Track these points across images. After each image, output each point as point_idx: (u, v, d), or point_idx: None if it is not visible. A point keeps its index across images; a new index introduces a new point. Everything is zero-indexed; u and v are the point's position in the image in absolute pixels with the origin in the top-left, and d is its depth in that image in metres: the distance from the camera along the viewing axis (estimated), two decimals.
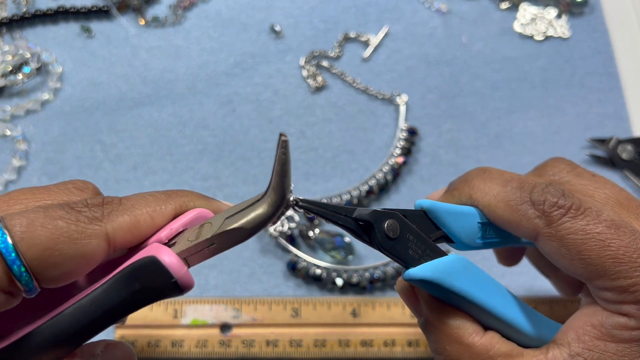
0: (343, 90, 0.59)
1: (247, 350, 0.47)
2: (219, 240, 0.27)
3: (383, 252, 0.29)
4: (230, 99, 0.58)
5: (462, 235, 0.32)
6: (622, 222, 0.28)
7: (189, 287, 0.27)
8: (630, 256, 0.27)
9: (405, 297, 0.33)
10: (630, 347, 0.27)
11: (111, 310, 0.27)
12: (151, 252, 0.27)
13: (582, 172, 0.33)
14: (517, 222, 0.30)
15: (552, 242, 0.29)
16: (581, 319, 0.29)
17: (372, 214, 0.28)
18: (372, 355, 0.47)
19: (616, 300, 0.28)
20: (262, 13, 0.62)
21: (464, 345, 0.30)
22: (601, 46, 0.62)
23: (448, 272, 0.29)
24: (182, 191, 0.31)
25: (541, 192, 0.30)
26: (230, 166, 0.55)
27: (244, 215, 0.27)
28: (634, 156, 0.55)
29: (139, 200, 0.29)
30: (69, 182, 0.30)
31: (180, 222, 0.29)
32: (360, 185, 0.54)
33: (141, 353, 0.47)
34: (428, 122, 0.58)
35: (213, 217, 0.29)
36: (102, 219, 0.27)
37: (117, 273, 0.27)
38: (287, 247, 0.52)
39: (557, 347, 0.29)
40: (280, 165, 0.26)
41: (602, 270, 0.28)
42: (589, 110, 0.59)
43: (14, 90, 0.58)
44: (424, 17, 0.63)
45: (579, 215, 0.28)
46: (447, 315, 0.30)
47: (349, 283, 0.50)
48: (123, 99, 0.58)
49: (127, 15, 0.62)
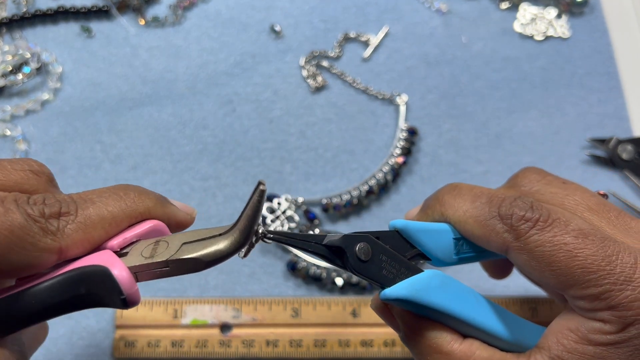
0: (343, 90, 0.59)
1: (247, 350, 0.47)
2: (173, 265, 0.27)
3: (357, 275, 0.30)
4: (230, 99, 0.58)
5: (437, 252, 0.32)
6: (590, 230, 0.29)
7: (135, 304, 0.27)
8: (599, 264, 0.28)
9: (380, 315, 0.33)
10: (608, 349, 0.28)
11: (50, 307, 0.26)
12: (103, 260, 0.26)
13: (552, 180, 0.34)
14: (487, 238, 0.31)
15: (521, 255, 0.29)
16: (560, 324, 0.30)
17: (343, 239, 0.29)
18: (372, 355, 0.47)
19: (590, 308, 0.28)
20: (262, 13, 0.62)
21: (444, 354, 0.30)
22: (601, 46, 0.62)
23: (424, 288, 0.30)
24: (139, 193, 0.30)
25: (509, 206, 0.30)
26: (230, 166, 0.55)
27: (203, 247, 0.27)
28: (634, 156, 0.55)
29: (96, 211, 0.28)
30: (24, 162, 0.29)
31: (134, 233, 0.29)
32: (360, 185, 0.54)
33: (141, 353, 0.47)
34: (428, 122, 0.58)
35: (170, 236, 0.29)
36: (56, 233, 0.26)
37: (64, 273, 0.26)
38: (287, 247, 0.52)
39: (538, 351, 0.29)
40: (252, 211, 0.26)
41: (572, 280, 0.28)
42: (589, 110, 0.59)
43: (14, 90, 0.58)
44: (424, 17, 0.63)
45: (546, 227, 0.29)
46: (424, 328, 0.31)
47: (349, 283, 0.50)
48: (123, 99, 0.58)
49: (127, 15, 0.62)
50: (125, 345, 0.47)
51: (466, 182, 0.55)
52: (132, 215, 0.29)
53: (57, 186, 0.31)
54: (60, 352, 0.48)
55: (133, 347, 0.47)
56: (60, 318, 0.49)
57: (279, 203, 0.53)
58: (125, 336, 0.47)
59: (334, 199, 0.53)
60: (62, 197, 0.28)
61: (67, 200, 0.28)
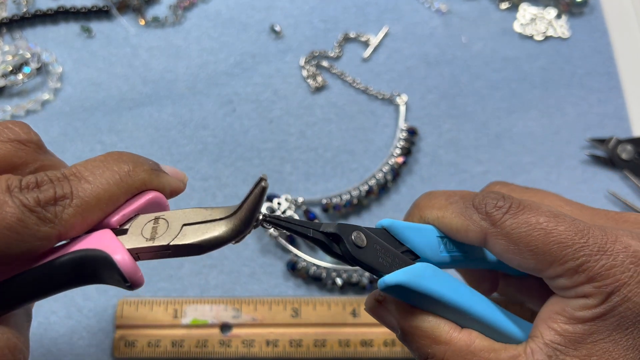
0: (343, 90, 0.59)
1: (247, 350, 0.47)
2: (174, 248, 0.28)
3: (354, 263, 0.30)
4: (230, 99, 0.58)
5: (425, 248, 0.32)
6: (560, 212, 0.30)
7: (139, 287, 0.27)
8: (573, 238, 0.29)
9: (375, 315, 0.34)
10: (597, 323, 0.28)
11: (53, 287, 0.27)
12: (104, 245, 0.27)
13: (515, 187, 0.36)
14: (465, 228, 0.31)
15: (500, 241, 0.30)
16: (547, 310, 0.30)
17: (339, 226, 0.30)
18: (372, 355, 0.47)
19: (571, 285, 0.29)
20: (262, 13, 0.62)
21: (443, 343, 0.30)
22: (601, 46, 0.62)
23: (421, 276, 0.30)
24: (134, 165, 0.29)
25: (482, 198, 0.31)
26: (230, 166, 0.55)
27: (203, 231, 0.27)
28: (633, 156, 0.55)
29: (92, 191, 0.27)
30: (10, 131, 0.28)
31: (132, 208, 0.29)
32: (360, 185, 0.54)
33: (141, 353, 0.47)
34: (428, 122, 0.58)
35: (169, 213, 0.29)
36: (54, 220, 0.26)
37: (66, 255, 0.26)
38: (287, 247, 0.52)
39: (532, 341, 0.30)
40: (254, 203, 0.27)
41: (550, 257, 0.29)
42: (589, 110, 0.59)
43: (14, 90, 0.58)
44: (424, 17, 0.63)
45: (519, 211, 0.30)
46: (420, 320, 0.31)
47: (349, 283, 0.50)
48: (123, 99, 0.58)
49: (127, 16, 0.62)
50: (126, 345, 0.47)
51: (466, 182, 0.55)
52: (128, 191, 0.29)
53: (47, 151, 0.30)
54: (60, 352, 0.48)
55: (133, 347, 0.47)
56: (60, 318, 0.49)
57: (279, 203, 0.53)
58: (126, 336, 0.47)
59: (334, 199, 0.53)
60: (54, 176, 0.27)
61: (60, 179, 0.27)
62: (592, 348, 0.28)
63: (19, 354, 0.26)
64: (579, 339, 0.28)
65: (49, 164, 0.30)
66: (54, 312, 0.49)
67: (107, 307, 0.49)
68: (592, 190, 0.55)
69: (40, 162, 0.29)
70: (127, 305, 0.48)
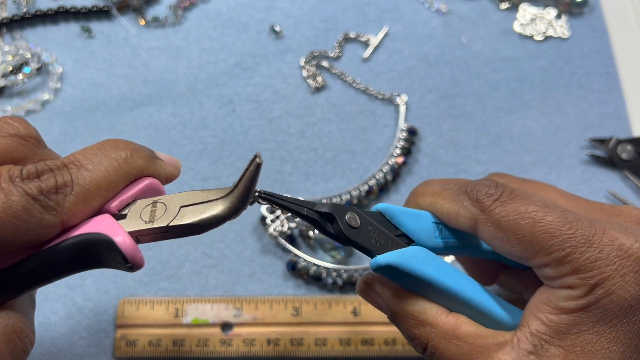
0: (343, 90, 0.59)
1: (248, 349, 0.47)
2: (173, 229, 0.28)
3: (347, 243, 0.30)
4: (230, 99, 0.58)
5: (420, 233, 0.33)
6: (551, 203, 0.30)
7: (140, 268, 0.28)
8: (560, 229, 0.29)
9: (365, 296, 0.34)
10: (580, 315, 0.29)
11: (57, 271, 0.27)
12: (105, 228, 0.27)
13: (513, 178, 0.36)
14: (456, 213, 0.32)
15: (489, 228, 0.31)
16: (535, 300, 0.31)
17: (333, 206, 0.30)
18: (373, 354, 0.48)
19: (556, 275, 0.29)
20: (262, 13, 0.62)
21: (429, 326, 0.31)
22: (601, 46, 0.62)
23: (413, 257, 0.30)
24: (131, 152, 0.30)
25: (474, 185, 0.32)
26: (230, 166, 0.55)
27: (201, 211, 0.28)
28: (633, 156, 0.56)
29: (92, 179, 0.28)
30: (9, 126, 0.29)
31: (130, 194, 0.29)
32: (360, 185, 0.54)
33: (142, 352, 0.47)
34: (428, 122, 0.58)
35: (166, 197, 0.29)
36: (57, 208, 0.26)
37: (68, 239, 0.27)
38: (287, 247, 0.52)
39: (519, 330, 0.30)
40: (249, 180, 0.27)
41: (537, 246, 0.29)
42: (589, 110, 0.59)
43: (14, 91, 0.58)
44: (424, 17, 0.63)
45: (510, 199, 0.30)
46: (409, 302, 0.32)
47: (349, 282, 0.50)
48: (123, 99, 0.58)
49: (127, 16, 0.62)
50: (127, 345, 0.47)
51: None
52: (126, 178, 0.29)
53: (45, 146, 0.31)
54: (61, 352, 0.48)
55: (134, 346, 0.47)
56: (61, 318, 0.49)
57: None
58: (127, 335, 0.47)
59: (334, 199, 0.53)
60: (54, 165, 0.28)
61: (60, 167, 0.28)
62: (576, 339, 0.29)
63: (25, 337, 0.27)
64: (563, 329, 0.29)
65: (48, 158, 0.30)
66: (54, 313, 0.49)
67: (108, 307, 0.49)
68: (592, 190, 0.55)
69: (39, 157, 0.30)
70: (128, 305, 0.48)
